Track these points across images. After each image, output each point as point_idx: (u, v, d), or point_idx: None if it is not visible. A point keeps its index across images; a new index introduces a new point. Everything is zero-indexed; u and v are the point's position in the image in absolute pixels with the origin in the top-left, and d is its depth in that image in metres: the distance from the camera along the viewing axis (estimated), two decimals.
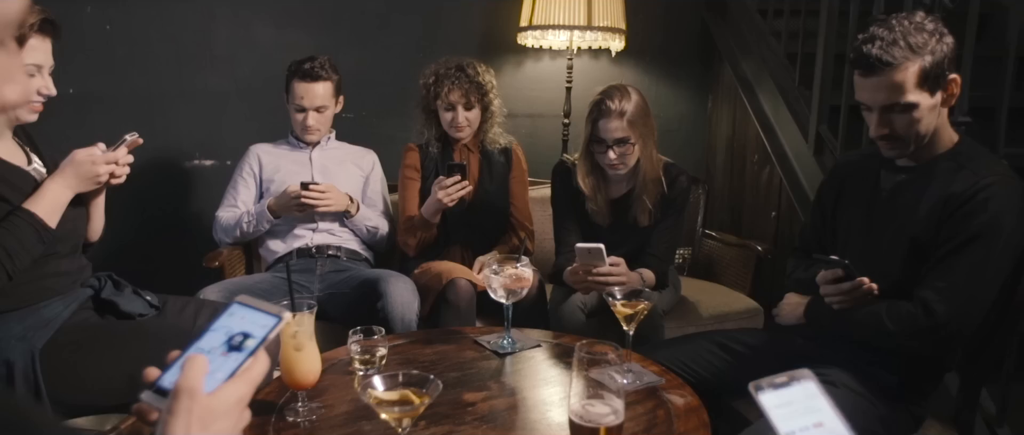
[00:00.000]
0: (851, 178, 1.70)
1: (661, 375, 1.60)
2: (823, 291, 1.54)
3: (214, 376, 0.74)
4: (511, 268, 1.69)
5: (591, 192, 2.17)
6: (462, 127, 2.39)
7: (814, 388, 0.77)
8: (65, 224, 1.55)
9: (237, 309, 0.80)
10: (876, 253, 1.58)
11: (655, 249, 2.17)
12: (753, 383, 0.78)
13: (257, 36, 2.87)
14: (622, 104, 2.04)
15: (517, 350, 1.73)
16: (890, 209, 1.58)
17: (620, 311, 1.56)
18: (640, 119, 2.06)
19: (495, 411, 1.43)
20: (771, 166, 2.92)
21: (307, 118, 2.41)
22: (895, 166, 1.60)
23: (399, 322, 2.07)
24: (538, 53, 3.21)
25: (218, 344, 0.77)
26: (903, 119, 1.47)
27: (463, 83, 2.34)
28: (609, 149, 2.06)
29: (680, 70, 3.41)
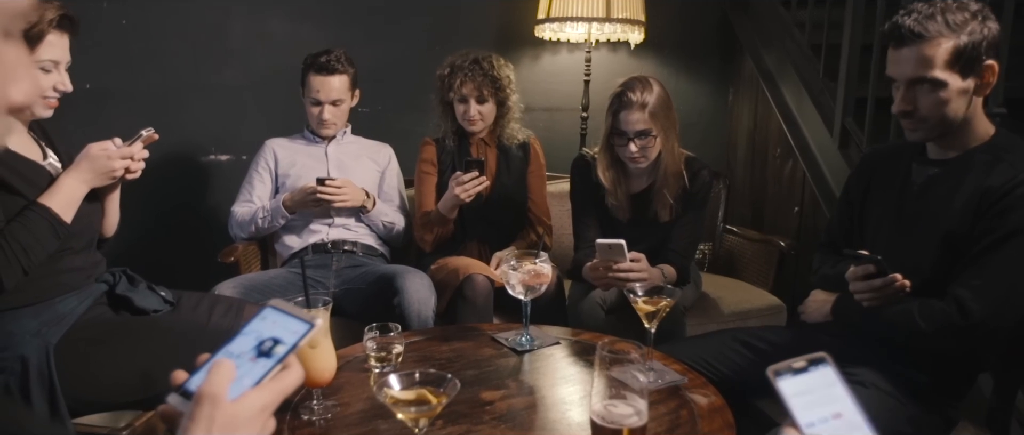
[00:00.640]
0: (880, 170, 1.65)
1: (683, 374, 1.56)
2: (853, 288, 1.49)
3: (240, 382, 0.72)
4: (530, 264, 1.66)
5: (611, 186, 2.13)
6: (474, 121, 2.36)
7: (833, 374, 0.75)
8: (80, 219, 1.54)
9: (270, 313, 0.78)
10: (907, 248, 1.52)
11: (676, 244, 2.12)
12: (772, 368, 0.76)
13: (272, 30, 2.85)
14: (644, 96, 1.99)
15: (535, 347, 1.69)
16: (922, 203, 1.53)
17: (642, 308, 1.51)
18: (662, 111, 2.01)
19: (513, 410, 1.40)
20: (794, 160, 2.86)
21: (323, 112, 2.39)
22: (928, 159, 1.54)
23: (415, 318, 2.04)
24: (556, 46, 3.17)
25: (248, 349, 0.75)
26: (929, 98, 1.41)
27: (477, 76, 2.31)
28: (630, 142, 2.01)
29: (700, 63, 3.35)
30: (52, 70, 1.51)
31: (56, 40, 1.50)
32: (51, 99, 1.54)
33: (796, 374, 0.75)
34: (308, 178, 2.40)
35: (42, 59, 1.49)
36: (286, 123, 2.61)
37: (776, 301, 2.51)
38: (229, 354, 0.74)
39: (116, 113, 2.68)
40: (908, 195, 1.56)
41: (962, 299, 1.38)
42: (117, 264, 1.75)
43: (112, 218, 1.75)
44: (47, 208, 1.48)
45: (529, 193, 2.46)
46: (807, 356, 0.75)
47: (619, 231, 2.17)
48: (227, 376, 0.70)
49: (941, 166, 1.51)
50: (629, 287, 1.55)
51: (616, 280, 1.88)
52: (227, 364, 0.71)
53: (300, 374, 0.74)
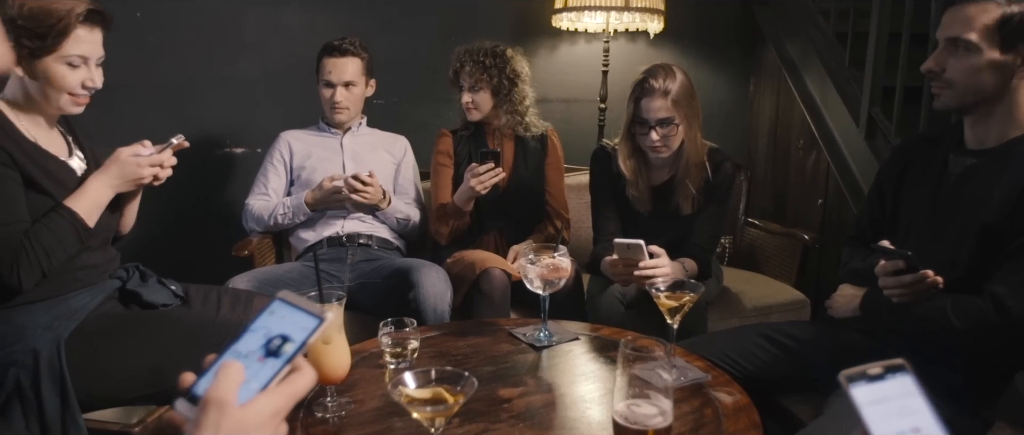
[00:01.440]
0: (915, 161, 1.59)
1: (707, 371, 1.51)
2: (882, 283, 1.44)
3: (249, 385, 0.68)
4: (548, 258, 1.62)
5: (632, 176, 2.08)
6: (468, 108, 2.33)
7: (911, 384, 0.68)
8: (99, 219, 1.52)
9: (279, 307, 0.73)
10: (941, 242, 1.46)
11: (698, 238, 2.07)
12: (845, 373, 0.69)
13: (287, 22, 2.82)
14: (666, 83, 1.94)
15: (554, 343, 1.65)
16: (958, 195, 1.47)
17: (664, 304, 1.47)
18: (685, 100, 1.96)
19: (532, 408, 1.36)
20: (818, 151, 2.80)
21: (335, 94, 2.36)
22: (965, 149, 1.48)
23: (431, 313, 2.01)
24: (573, 36, 3.12)
25: (256, 347, 0.70)
26: (960, 63, 1.37)
27: (468, 64, 2.29)
28: (651, 130, 1.96)
29: (720, 53, 3.29)
30: (80, 66, 1.48)
31: (85, 35, 1.47)
32: (80, 96, 1.51)
33: (871, 381, 0.69)
34: (323, 170, 2.37)
35: (69, 54, 1.45)
36: (301, 115, 2.58)
37: (800, 296, 2.45)
38: (237, 353, 0.70)
39: (131, 106, 2.66)
40: (944, 186, 1.50)
41: (999, 296, 1.33)
42: (130, 258, 1.73)
43: (130, 217, 1.73)
44: (73, 212, 1.46)
45: (547, 185, 2.42)
46: (884, 362, 0.69)
47: (640, 223, 2.12)
48: (235, 380, 0.66)
49: (979, 156, 1.45)
50: (650, 283, 1.51)
51: (637, 279, 1.83)
52: (235, 367, 0.67)
53: (312, 376, 0.70)
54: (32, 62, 1.43)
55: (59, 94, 1.48)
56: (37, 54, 1.42)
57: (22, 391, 1.36)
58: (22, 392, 1.36)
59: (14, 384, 1.37)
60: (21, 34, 1.38)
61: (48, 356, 1.38)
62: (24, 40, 1.39)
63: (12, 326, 1.42)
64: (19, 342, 1.40)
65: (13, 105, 1.50)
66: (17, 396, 1.37)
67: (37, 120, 1.52)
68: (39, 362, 1.37)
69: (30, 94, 1.49)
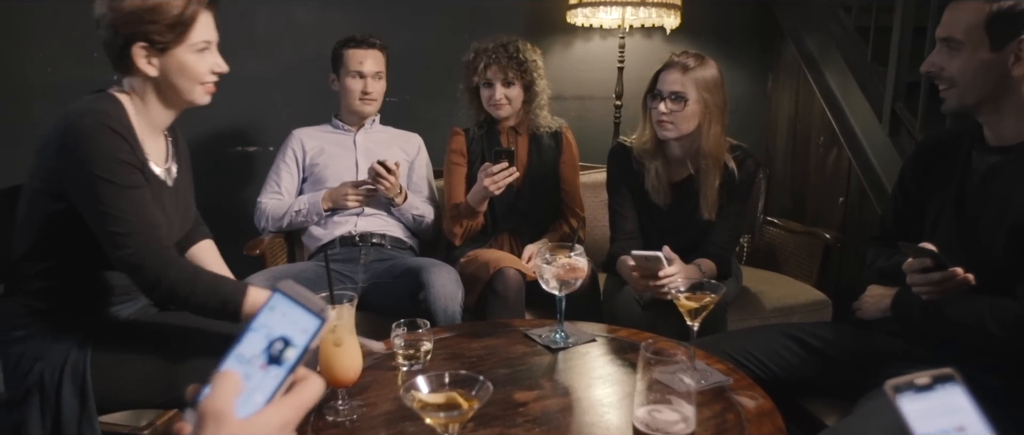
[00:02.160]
0: (938, 159, 1.54)
1: (728, 374, 1.47)
2: (910, 280, 1.39)
3: (252, 397, 0.64)
4: (564, 257, 1.58)
5: (648, 161, 2.02)
6: (500, 104, 2.27)
7: (961, 395, 0.64)
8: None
9: (279, 301, 0.68)
10: (970, 241, 1.41)
11: (717, 237, 2.02)
12: (891, 383, 0.65)
13: (299, 19, 2.80)
14: (688, 61, 1.92)
15: (570, 345, 1.62)
16: (985, 193, 1.42)
17: (685, 305, 1.43)
18: (705, 85, 1.91)
19: (548, 412, 1.32)
20: (839, 148, 2.74)
21: (367, 84, 2.35)
22: (988, 146, 1.43)
23: (442, 314, 1.97)
24: (588, 32, 3.07)
25: (258, 351, 0.66)
26: (954, 61, 1.35)
27: (502, 59, 2.24)
28: (662, 101, 1.92)
29: (738, 49, 3.23)
30: (206, 50, 1.42)
31: (206, 19, 1.42)
32: (209, 83, 1.45)
33: (920, 392, 0.65)
34: (335, 167, 2.35)
35: (196, 41, 1.39)
36: (313, 113, 2.56)
37: (821, 296, 2.40)
38: (240, 357, 0.66)
39: None
40: (969, 184, 1.45)
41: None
42: None
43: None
44: (240, 307, 1.36)
45: (562, 184, 2.38)
46: (932, 372, 0.65)
47: (657, 221, 2.08)
48: (231, 389, 0.63)
49: (1004, 153, 1.40)
50: (664, 292, 1.47)
51: (656, 289, 1.78)
52: (231, 377, 0.64)
53: (319, 386, 0.67)
54: (160, 58, 1.37)
55: (193, 85, 1.42)
56: (166, 47, 1.36)
57: (44, 388, 1.35)
58: (43, 389, 1.35)
59: (37, 379, 1.35)
60: (149, 31, 1.33)
61: (74, 358, 1.36)
62: (153, 36, 1.34)
63: (48, 322, 1.40)
64: (51, 339, 1.38)
65: (136, 113, 1.41)
66: (38, 391, 1.35)
67: (153, 126, 1.45)
68: (66, 362, 1.35)
69: (152, 97, 1.42)
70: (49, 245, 1.39)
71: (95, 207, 1.30)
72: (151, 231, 1.34)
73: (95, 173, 1.28)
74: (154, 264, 1.32)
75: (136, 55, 1.35)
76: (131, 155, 1.33)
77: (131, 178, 1.32)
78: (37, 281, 1.39)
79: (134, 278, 1.35)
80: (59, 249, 1.39)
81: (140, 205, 1.33)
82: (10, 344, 1.39)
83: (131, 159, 1.33)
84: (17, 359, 1.38)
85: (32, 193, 1.38)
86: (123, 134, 1.32)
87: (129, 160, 1.32)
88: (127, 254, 1.31)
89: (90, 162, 1.28)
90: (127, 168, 1.32)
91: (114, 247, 1.31)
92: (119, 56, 1.36)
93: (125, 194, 1.31)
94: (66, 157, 1.30)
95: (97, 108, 1.32)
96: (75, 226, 1.34)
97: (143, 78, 1.39)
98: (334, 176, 2.35)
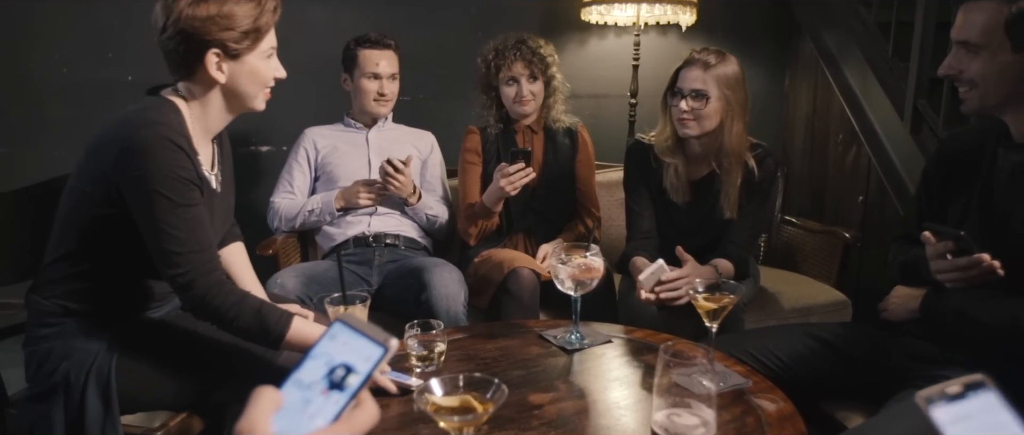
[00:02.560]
0: (962, 157, 1.50)
1: (747, 376, 1.44)
2: (934, 267, 1.35)
3: (313, 422, 0.64)
4: (579, 257, 1.55)
5: (668, 159, 1.99)
6: (527, 100, 2.24)
7: (995, 400, 0.63)
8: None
9: (340, 331, 0.69)
10: (999, 240, 1.37)
11: (736, 236, 1.99)
12: (923, 394, 0.63)
13: (312, 19, 2.80)
14: (709, 57, 1.89)
15: (586, 346, 1.59)
16: (1013, 191, 1.38)
17: (703, 305, 1.40)
18: (726, 82, 1.88)
19: (564, 415, 1.30)
20: (858, 146, 2.69)
21: (383, 86, 2.33)
22: (1014, 143, 1.39)
23: (445, 315, 1.95)
24: (602, 30, 3.05)
25: (319, 378, 0.66)
26: (973, 64, 1.32)
27: (526, 54, 2.21)
28: (683, 99, 1.89)
29: (754, 46, 3.19)
30: (272, 56, 1.42)
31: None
32: (268, 90, 1.45)
33: (952, 401, 0.64)
34: (348, 166, 2.34)
35: (266, 48, 1.38)
36: (326, 113, 2.55)
37: (840, 296, 2.36)
38: (299, 383, 0.66)
39: None
40: (995, 183, 1.41)
41: None
42: None
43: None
44: (287, 330, 1.36)
45: (577, 183, 2.35)
46: (962, 379, 0.64)
47: (675, 220, 2.05)
48: (266, 405, 0.62)
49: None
50: (690, 285, 1.44)
51: (668, 300, 1.76)
52: (267, 393, 0.63)
53: (375, 411, 0.67)
54: (232, 64, 1.35)
55: (259, 90, 1.41)
56: (239, 54, 1.35)
57: (69, 387, 1.34)
58: (68, 388, 1.34)
59: (62, 377, 1.34)
60: (227, 38, 1.32)
61: (100, 359, 1.35)
62: (229, 43, 1.32)
63: (79, 323, 1.39)
64: (80, 339, 1.37)
65: (193, 120, 1.40)
66: (62, 391, 1.34)
67: (207, 131, 1.44)
68: (92, 363, 1.34)
69: (213, 103, 1.40)
70: (91, 248, 1.37)
71: (152, 222, 1.29)
72: (204, 252, 1.33)
73: (155, 189, 1.27)
74: (203, 286, 1.32)
75: (209, 61, 1.33)
76: (191, 171, 1.32)
77: (189, 195, 1.31)
78: (73, 282, 1.38)
79: (181, 296, 1.34)
80: (101, 253, 1.38)
81: (195, 224, 1.32)
82: (37, 341, 1.38)
83: (190, 176, 1.32)
84: (43, 357, 1.37)
85: (79, 194, 1.37)
86: (185, 149, 1.31)
87: (189, 177, 1.31)
88: (179, 273, 1.31)
89: (151, 178, 1.27)
90: (186, 185, 1.30)
91: (166, 264, 1.31)
92: (185, 62, 1.34)
93: (182, 212, 1.30)
94: (125, 168, 1.28)
95: (159, 120, 1.30)
96: (121, 232, 1.33)
97: (207, 84, 1.37)
98: (346, 175, 2.34)
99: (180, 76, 1.38)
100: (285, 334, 1.36)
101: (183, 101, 1.39)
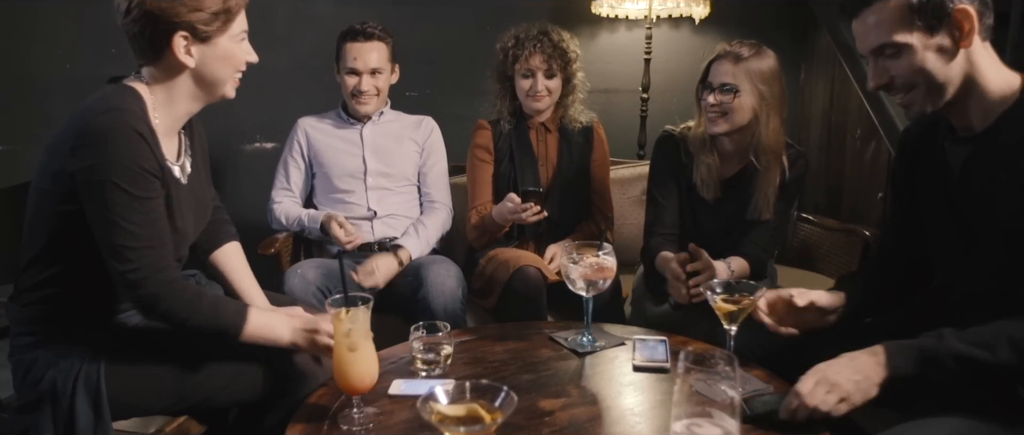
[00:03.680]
0: (921, 153, 1.38)
1: (767, 380, 1.38)
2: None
3: None
4: (591, 256, 1.49)
5: (700, 153, 1.92)
6: (541, 97, 2.14)
7: None
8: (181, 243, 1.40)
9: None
10: (973, 250, 1.27)
11: (759, 237, 1.91)
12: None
13: (318, 12, 2.75)
14: (741, 50, 1.82)
15: (598, 349, 1.54)
16: (967, 193, 1.27)
17: (721, 307, 1.33)
18: (760, 75, 1.80)
19: (576, 422, 1.24)
20: (878, 141, 2.62)
21: (361, 82, 2.18)
22: (958, 136, 1.28)
23: (441, 312, 1.89)
24: (613, 23, 2.98)
25: None
26: (900, 64, 1.21)
27: (546, 47, 2.11)
28: (712, 93, 1.83)
29: (769, 39, 3.03)
30: (244, 39, 1.37)
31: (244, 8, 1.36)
32: (237, 76, 1.39)
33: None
34: (341, 165, 2.25)
35: (237, 31, 1.33)
36: (330, 109, 2.49)
37: None
38: None
39: None
40: (949, 184, 1.30)
41: None
42: None
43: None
44: (241, 325, 1.32)
45: (592, 183, 2.25)
46: None
47: (701, 218, 1.98)
48: None
49: (973, 143, 1.26)
50: (706, 286, 1.37)
51: (691, 293, 1.70)
52: None
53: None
54: (201, 47, 1.30)
55: (230, 74, 1.36)
56: (209, 37, 1.29)
57: (56, 396, 1.28)
58: (56, 397, 1.28)
59: (50, 386, 1.29)
60: (195, 20, 1.26)
61: (87, 366, 1.29)
62: (198, 25, 1.27)
63: (63, 329, 1.34)
64: (65, 346, 1.32)
65: (158, 107, 1.34)
66: (50, 400, 1.29)
67: (175, 120, 1.38)
68: (80, 370, 1.29)
69: (181, 89, 1.34)
70: (60, 249, 1.31)
71: (104, 214, 1.22)
72: (158, 249, 1.27)
73: (111, 179, 1.21)
74: (154, 285, 1.25)
75: (176, 45, 1.27)
76: (152, 162, 1.26)
77: (148, 188, 1.25)
78: (48, 287, 1.32)
79: (131, 294, 1.27)
80: (68, 253, 1.31)
81: (152, 219, 1.26)
82: (21, 351, 1.33)
83: (151, 167, 1.25)
84: (29, 366, 1.32)
85: (40, 194, 1.31)
86: (146, 137, 1.25)
87: (149, 168, 1.25)
88: (129, 269, 1.24)
89: (107, 167, 1.20)
90: (145, 177, 1.24)
91: (117, 259, 1.24)
92: (152, 46, 1.28)
93: (138, 205, 1.23)
94: (81, 157, 1.22)
95: (119, 105, 1.24)
96: (85, 230, 1.26)
97: (174, 69, 1.31)
98: (341, 175, 2.25)
99: (146, 61, 1.31)
100: (243, 328, 1.31)
101: (146, 88, 1.32)
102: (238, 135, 2.79)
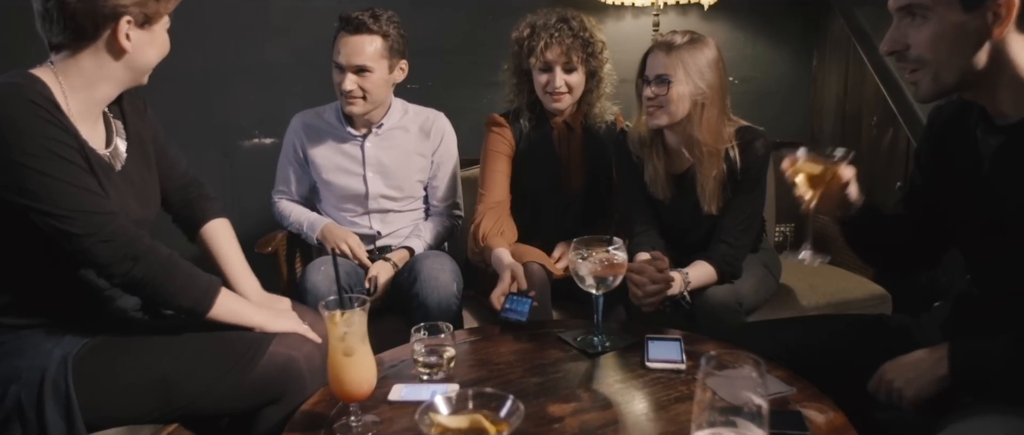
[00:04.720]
0: (950, 140, 1.29)
1: (790, 382, 1.30)
2: None
3: None
4: (601, 252, 1.42)
5: (646, 151, 1.84)
6: (560, 94, 1.94)
7: None
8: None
9: None
10: (1004, 253, 1.19)
11: (727, 234, 1.80)
12: None
13: (316, 4, 2.67)
14: (673, 38, 1.73)
15: (609, 349, 1.46)
16: (997, 186, 1.18)
17: (802, 169, 1.33)
18: (694, 64, 1.70)
19: (587, 428, 1.17)
20: (895, 128, 2.54)
21: (344, 81, 1.95)
22: (992, 124, 1.19)
23: (436, 308, 1.80)
24: (619, 10, 2.90)
25: None
26: (920, 33, 1.11)
27: (565, 38, 1.89)
28: (648, 86, 1.74)
29: (780, 25, 3.02)
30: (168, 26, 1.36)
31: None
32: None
33: None
34: (341, 185, 2.12)
35: (167, 22, 1.34)
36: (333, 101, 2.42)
37: (879, 290, 2.21)
38: None
39: (156, 94, 2.52)
40: (979, 174, 1.21)
41: None
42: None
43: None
44: (214, 292, 1.33)
45: (615, 184, 2.06)
46: None
47: (662, 215, 1.92)
48: None
49: (1006, 133, 1.16)
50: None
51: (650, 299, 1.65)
52: None
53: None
54: (140, 32, 1.28)
55: (156, 61, 1.34)
56: (150, 21, 1.28)
57: (23, 411, 1.21)
58: (23, 412, 1.21)
59: (15, 402, 1.22)
60: (144, 2, 1.25)
61: (53, 374, 1.22)
62: (144, 11, 1.26)
63: (19, 339, 1.27)
64: (23, 358, 1.25)
65: (68, 91, 1.27)
66: (17, 417, 1.22)
67: (90, 104, 1.31)
68: (44, 380, 1.22)
69: (102, 74, 1.28)
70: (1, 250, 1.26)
71: (34, 199, 1.18)
72: (107, 215, 1.24)
73: (18, 160, 1.16)
74: (110, 236, 1.23)
75: (120, 28, 1.23)
76: (67, 148, 1.21)
77: (67, 170, 1.20)
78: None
79: (109, 272, 1.25)
80: (11, 253, 1.25)
81: (82, 190, 1.22)
82: None
83: (64, 153, 1.20)
84: None
85: None
86: (55, 119, 1.20)
87: (61, 153, 1.19)
88: (85, 231, 1.21)
89: (12, 147, 1.16)
90: (59, 160, 1.19)
91: (66, 225, 1.20)
92: (92, 27, 1.23)
93: (61, 187, 1.19)
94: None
95: (22, 83, 1.20)
96: (24, 222, 1.20)
97: (104, 54, 1.26)
98: (341, 193, 2.13)
99: (76, 45, 1.25)
100: (218, 299, 1.33)
101: (52, 74, 1.26)
102: (236, 130, 2.72)
